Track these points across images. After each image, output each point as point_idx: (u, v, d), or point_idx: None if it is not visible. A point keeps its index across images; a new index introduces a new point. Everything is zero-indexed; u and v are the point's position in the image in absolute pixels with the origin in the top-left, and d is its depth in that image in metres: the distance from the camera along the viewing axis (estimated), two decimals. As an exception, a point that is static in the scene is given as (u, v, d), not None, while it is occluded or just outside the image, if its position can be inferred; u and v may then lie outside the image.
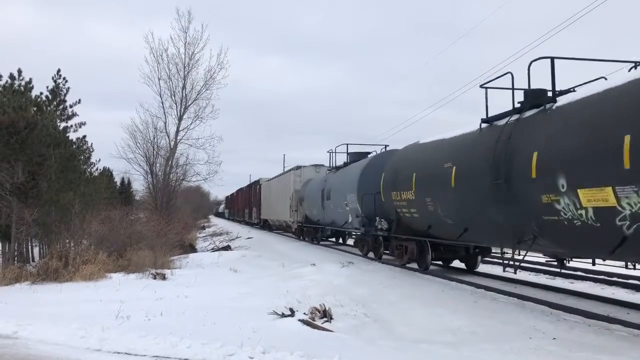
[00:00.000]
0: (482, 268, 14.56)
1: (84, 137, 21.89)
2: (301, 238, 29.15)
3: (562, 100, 8.54)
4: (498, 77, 10.10)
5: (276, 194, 34.31)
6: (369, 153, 20.57)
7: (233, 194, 68.43)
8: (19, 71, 18.05)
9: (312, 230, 26.67)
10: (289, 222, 30.58)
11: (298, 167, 29.47)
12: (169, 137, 27.70)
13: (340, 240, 26.49)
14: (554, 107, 8.53)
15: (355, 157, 21.09)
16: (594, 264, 9.24)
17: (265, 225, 40.93)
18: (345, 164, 21.61)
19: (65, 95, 20.00)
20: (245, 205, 52.97)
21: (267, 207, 38.68)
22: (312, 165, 29.09)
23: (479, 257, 14.18)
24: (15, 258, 16.11)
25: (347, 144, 22.59)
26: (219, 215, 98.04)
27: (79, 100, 20.55)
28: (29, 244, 19.61)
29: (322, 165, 28.05)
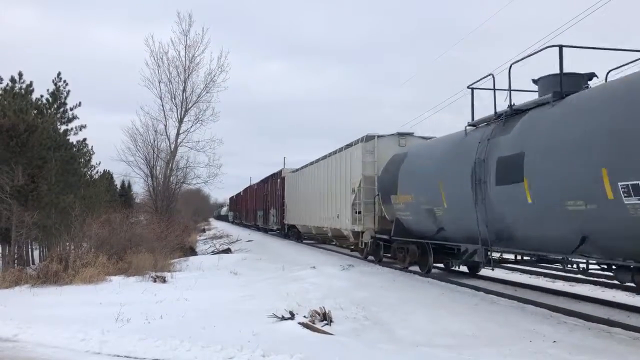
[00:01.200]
0: (482, 272, 13.68)
1: (84, 140, 21.86)
2: (369, 259, 18.04)
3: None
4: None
5: (316, 187, 23.60)
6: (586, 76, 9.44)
7: (240, 193, 58.38)
8: (20, 74, 18.06)
9: (413, 249, 14.40)
10: (347, 231, 19.05)
11: (369, 138, 17.59)
12: (169, 139, 27.72)
13: (458, 268, 13.72)
14: None
15: (548, 83, 9.41)
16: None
17: (291, 233, 30.91)
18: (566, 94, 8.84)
19: (65, 98, 19.99)
20: (259, 206, 41.77)
21: (296, 207, 28.25)
22: (394, 134, 17.59)
23: None
24: (15, 261, 16.11)
25: (560, 45, 9.13)
26: (221, 218, 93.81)
27: (80, 103, 20.53)
28: (29, 246, 19.60)
29: (410, 135, 17.59)
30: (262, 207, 39.54)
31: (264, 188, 38.90)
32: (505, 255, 11.25)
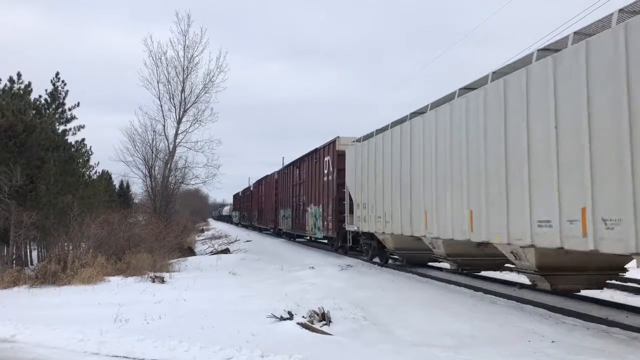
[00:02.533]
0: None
1: (83, 140, 21.88)
2: None
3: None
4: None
5: (458, 156, 10.78)
6: None
7: (249, 188, 46.96)
8: (19, 74, 18.05)
9: None
10: None
11: None
12: (167, 140, 27.73)
13: None
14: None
15: None
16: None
17: (364, 249, 17.77)
18: None
19: (64, 98, 20.01)
20: (283, 203, 29.65)
21: (380, 201, 15.15)
22: None
23: None
24: (14, 261, 16.10)
25: None
26: (222, 219, 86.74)
27: (78, 103, 20.56)
28: (28, 247, 19.59)
29: None
30: (290, 204, 27.35)
31: (293, 176, 26.96)
32: None
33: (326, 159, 20.97)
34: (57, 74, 19.86)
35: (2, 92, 17.70)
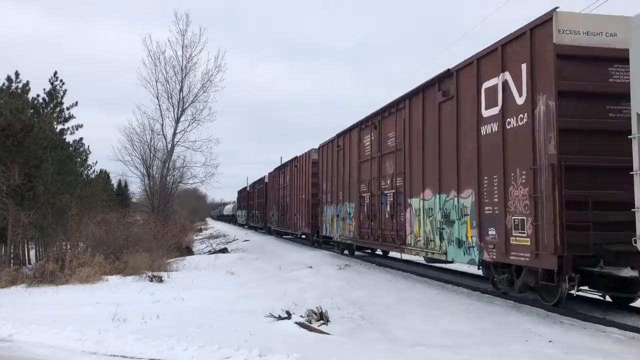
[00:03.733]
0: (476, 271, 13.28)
1: (81, 139, 21.90)
2: None
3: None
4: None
5: None
6: None
7: (262, 179, 36.88)
8: (17, 74, 18.06)
9: None
10: None
11: None
12: (166, 139, 27.70)
13: None
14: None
15: None
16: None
17: None
18: None
19: (62, 97, 20.03)
20: (333, 196, 19.00)
21: None
22: None
23: None
24: (12, 260, 16.09)
25: None
26: (223, 219, 78.57)
27: (76, 102, 20.61)
28: (25, 246, 19.57)
29: None
30: (355, 196, 16.49)
31: (359, 146, 16.31)
32: None
33: (489, 84, 9.29)
34: (55, 73, 19.91)
35: (0, 91, 17.70)
